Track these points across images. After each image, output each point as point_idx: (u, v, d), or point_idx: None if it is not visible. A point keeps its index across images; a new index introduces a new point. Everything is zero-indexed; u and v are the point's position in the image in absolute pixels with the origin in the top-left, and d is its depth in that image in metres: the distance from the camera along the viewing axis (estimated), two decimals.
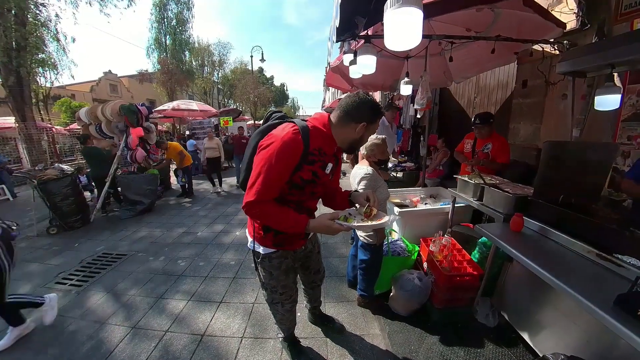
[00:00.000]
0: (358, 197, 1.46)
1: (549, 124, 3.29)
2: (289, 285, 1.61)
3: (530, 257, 1.48)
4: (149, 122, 6.09)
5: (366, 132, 1.32)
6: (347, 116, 1.28)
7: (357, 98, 1.27)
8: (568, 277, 1.28)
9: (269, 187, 1.23)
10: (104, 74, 21.90)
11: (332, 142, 1.34)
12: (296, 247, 1.56)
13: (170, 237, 4.32)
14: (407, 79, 3.08)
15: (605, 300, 1.10)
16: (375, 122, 1.31)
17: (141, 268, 3.39)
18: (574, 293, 1.18)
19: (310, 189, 1.37)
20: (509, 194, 1.97)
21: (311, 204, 1.49)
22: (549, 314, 1.73)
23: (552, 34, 2.87)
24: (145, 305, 2.65)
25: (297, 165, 1.25)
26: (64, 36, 10.09)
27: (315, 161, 1.30)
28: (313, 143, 1.27)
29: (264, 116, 1.53)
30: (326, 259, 3.29)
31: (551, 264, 1.41)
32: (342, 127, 1.30)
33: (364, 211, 1.33)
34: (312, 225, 1.28)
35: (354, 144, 1.36)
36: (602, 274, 1.34)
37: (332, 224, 1.25)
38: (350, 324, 2.25)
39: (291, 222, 1.26)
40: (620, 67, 1.99)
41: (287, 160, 1.22)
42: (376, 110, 1.29)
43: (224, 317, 2.43)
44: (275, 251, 1.48)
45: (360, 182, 1.97)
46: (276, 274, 1.53)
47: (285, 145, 1.20)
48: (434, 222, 2.73)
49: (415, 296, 2.13)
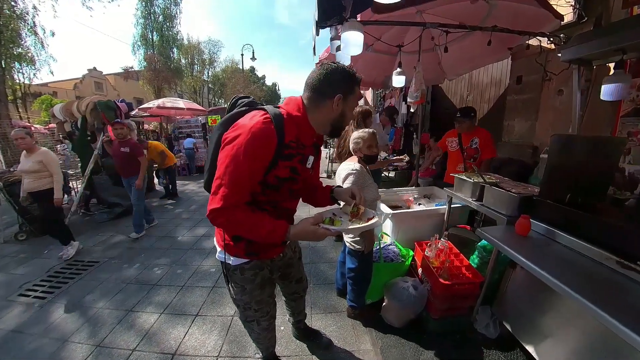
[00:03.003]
0: (342, 194, 1.26)
1: (545, 121, 3.17)
2: (264, 301, 1.38)
3: (544, 266, 1.29)
4: (129, 120, 5.79)
5: (347, 106, 1.11)
6: (317, 94, 1.08)
7: (323, 69, 1.07)
8: (590, 292, 1.10)
9: (237, 191, 1.01)
10: (89, 71, 21.25)
11: (309, 129, 1.13)
12: (273, 255, 1.33)
13: (148, 241, 4.06)
14: (399, 69, 2.89)
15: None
16: (353, 91, 1.11)
17: (113, 277, 3.13)
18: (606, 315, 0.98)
19: (288, 187, 1.16)
20: (513, 194, 1.80)
21: (290, 205, 1.27)
22: (555, 325, 1.56)
23: (549, 26, 2.75)
24: (114, 320, 2.41)
25: (271, 162, 1.04)
26: (43, 29, 9.63)
27: (293, 155, 1.09)
28: (289, 133, 1.06)
29: (229, 103, 1.30)
30: (314, 264, 3.10)
31: (568, 275, 1.23)
32: (316, 108, 1.10)
33: (350, 210, 1.14)
34: (294, 232, 1.07)
35: (336, 124, 1.14)
36: (627, 285, 1.16)
37: (317, 229, 1.05)
38: (339, 338, 2.04)
39: (267, 230, 1.05)
40: (633, 53, 1.83)
41: (258, 157, 1.01)
42: (349, 76, 1.09)
43: (199, 333, 2.20)
44: (248, 261, 1.26)
45: (346, 179, 1.77)
46: (250, 288, 1.30)
47: (255, 137, 0.99)
48: (429, 224, 2.55)
49: (410, 306, 1.94)
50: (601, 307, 1.00)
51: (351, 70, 1.10)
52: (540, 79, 3.19)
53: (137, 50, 20.35)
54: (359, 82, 1.13)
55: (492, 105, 4.16)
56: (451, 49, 3.83)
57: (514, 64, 3.57)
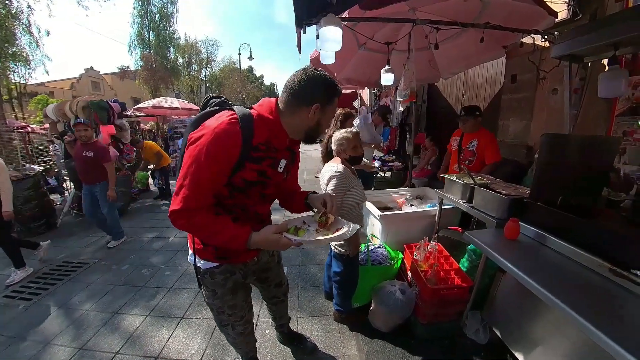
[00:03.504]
0: (315, 201, 1.21)
1: (540, 120, 3.12)
2: (238, 305, 1.33)
3: (532, 274, 1.23)
4: (122, 120, 5.74)
5: (323, 116, 1.07)
6: (295, 99, 1.03)
7: (304, 75, 1.02)
8: (580, 304, 1.03)
9: (198, 193, 0.97)
10: (86, 71, 21.11)
11: (282, 133, 1.08)
12: (246, 259, 1.28)
13: (139, 242, 4.01)
14: (388, 67, 2.83)
15: (632, 334, 0.87)
16: (332, 102, 1.07)
17: (101, 278, 3.09)
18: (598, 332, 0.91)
19: (258, 191, 1.12)
20: (502, 196, 1.75)
21: (261, 209, 1.23)
22: (545, 333, 1.51)
23: (543, 23, 2.70)
24: (99, 322, 2.38)
25: (237, 164, 0.99)
26: (38, 29, 9.56)
27: (262, 158, 1.05)
28: (258, 135, 1.02)
29: (202, 102, 1.26)
30: (304, 266, 3.05)
31: (557, 283, 1.16)
32: (292, 114, 1.06)
33: (317, 219, 1.08)
34: (255, 240, 1.01)
35: (310, 133, 1.11)
36: (619, 294, 1.09)
37: (280, 238, 1.00)
38: (324, 342, 2.00)
39: (227, 236, 1.00)
40: (625, 49, 1.76)
41: (221, 158, 0.96)
42: (330, 86, 1.05)
43: (183, 336, 2.17)
44: (218, 265, 1.21)
45: (329, 182, 1.71)
46: (221, 292, 1.25)
47: (218, 138, 0.94)
48: (419, 226, 2.50)
49: (397, 311, 1.88)
50: (592, 323, 0.93)
51: (333, 81, 1.06)
52: (534, 78, 3.13)
53: (133, 49, 20.27)
54: (339, 93, 1.10)
55: (487, 104, 4.11)
56: (445, 47, 3.80)
57: (509, 62, 3.52)
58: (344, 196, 1.73)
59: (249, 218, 1.16)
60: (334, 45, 1.82)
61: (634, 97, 2.35)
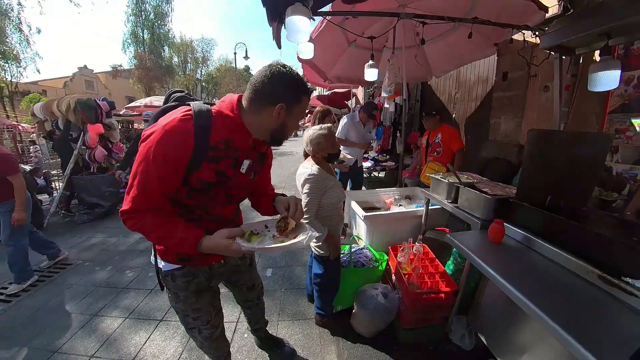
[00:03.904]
0: (279, 205, 1.13)
1: (531, 118, 3.06)
2: (203, 309, 1.26)
3: (512, 280, 1.15)
4: (111, 119, 5.64)
5: (289, 117, 0.99)
6: (258, 97, 0.96)
7: (269, 71, 0.93)
8: (563, 315, 0.96)
9: (146, 194, 0.91)
10: (79, 69, 20.87)
11: (244, 132, 1.01)
12: (210, 262, 1.21)
13: (125, 243, 3.92)
14: (371, 62, 2.75)
15: (615, 348, 0.81)
16: (300, 102, 0.99)
17: (83, 280, 3.02)
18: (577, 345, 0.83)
19: (222, 192, 1.05)
20: (487, 196, 1.68)
21: (225, 211, 1.15)
22: (531, 340, 1.43)
23: (534, 18, 2.64)
24: (76, 325, 2.32)
25: (191, 163, 0.92)
26: (28, 26, 9.43)
27: (220, 158, 0.97)
28: (217, 134, 0.95)
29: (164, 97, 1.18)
30: (289, 267, 2.98)
31: (539, 292, 1.09)
32: (255, 113, 0.98)
33: (276, 225, 1.01)
34: (207, 244, 0.94)
35: (276, 135, 1.03)
36: (609, 304, 1.02)
37: (231, 244, 0.92)
38: (303, 347, 1.92)
39: (176, 239, 0.93)
40: (618, 38, 1.67)
41: (170, 159, 0.89)
42: (297, 85, 0.97)
43: (161, 339, 2.10)
44: (179, 268, 1.14)
45: (304, 186, 1.63)
46: (184, 295, 1.18)
47: (167, 137, 0.87)
48: (406, 226, 2.43)
49: (379, 316, 1.81)
50: (578, 339, 0.85)
51: (301, 78, 0.98)
52: (526, 76, 3.07)
53: (127, 48, 20.17)
54: (309, 92, 1.02)
55: (479, 103, 4.05)
56: (437, 45, 3.74)
57: (500, 60, 3.45)
58: (321, 198, 1.66)
59: (214, 220, 1.09)
60: (301, 36, 1.73)
61: (627, 94, 2.29)
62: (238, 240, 0.92)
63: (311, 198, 1.62)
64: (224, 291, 1.50)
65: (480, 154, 3.66)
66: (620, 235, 1.31)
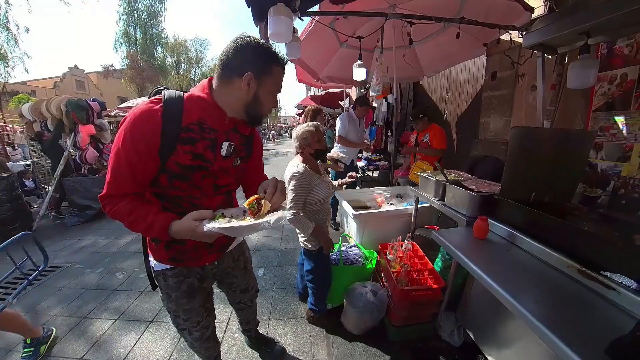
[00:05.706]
0: (260, 187, 1.08)
1: (519, 117, 3.10)
2: (194, 310, 1.25)
3: (494, 276, 1.17)
4: (102, 120, 5.58)
5: (261, 88, 0.96)
6: (226, 71, 0.95)
7: (235, 43, 0.92)
8: (542, 309, 0.98)
9: (121, 179, 0.91)
10: (69, 69, 20.44)
11: (217, 111, 0.99)
12: (202, 263, 1.21)
13: (116, 245, 3.88)
14: (359, 62, 2.77)
15: (593, 341, 0.82)
16: (270, 72, 0.97)
17: (73, 282, 2.99)
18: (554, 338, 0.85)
19: (204, 180, 1.02)
20: (472, 193, 1.70)
21: (212, 203, 1.08)
22: (517, 335, 1.46)
23: (521, 19, 2.68)
24: (65, 328, 2.30)
25: (164, 146, 0.91)
26: (16, 25, 9.26)
27: (195, 139, 0.95)
28: (188, 115, 0.94)
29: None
30: (281, 267, 2.98)
31: (520, 287, 1.11)
32: (225, 88, 0.97)
33: (248, 205, 0.95)
34: (175, 228, 0.92)
35: (251, 110, 1.00)
36: (588, 299, 1.04)
37: (197, 226, 0.89)
38: (294, 346, 1.93)
39: (146, 224, 0.92)
40: (597, 37, 1.71)
41: (139, 141, 0.88)
42: (264, 52, 0.95)
43: (151, 340, 2.10)
44: (171, 268, 1.14)
45: (289, 183, 1.65)
46: (175, 296, 1.18)
47: (134, 122, 0.88)
48: (396, 225, 2.45)
49: (368, 314, 1.82)
50: (555, 333, 0.86)
51: (268, 47, 0.96)
52: (514, 75, 3.12)
53: (119, 47, 19.86)
54: (281, 61, 0.99)
55: (469, 102, 4.09)
56: (428, 45, 3.78)
57: (489, 60, 3.50)
58: (307, 195, 1.67)
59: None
60: (281, 37, 1.72)
61: (610, 92, 2.34)
62: (205, 223, 0.88)
63: (296, 194, 1.64)
64: (216, 291, 1.50)
65: (471, 152, 3.70)
66: (603, 231, 1.34)
